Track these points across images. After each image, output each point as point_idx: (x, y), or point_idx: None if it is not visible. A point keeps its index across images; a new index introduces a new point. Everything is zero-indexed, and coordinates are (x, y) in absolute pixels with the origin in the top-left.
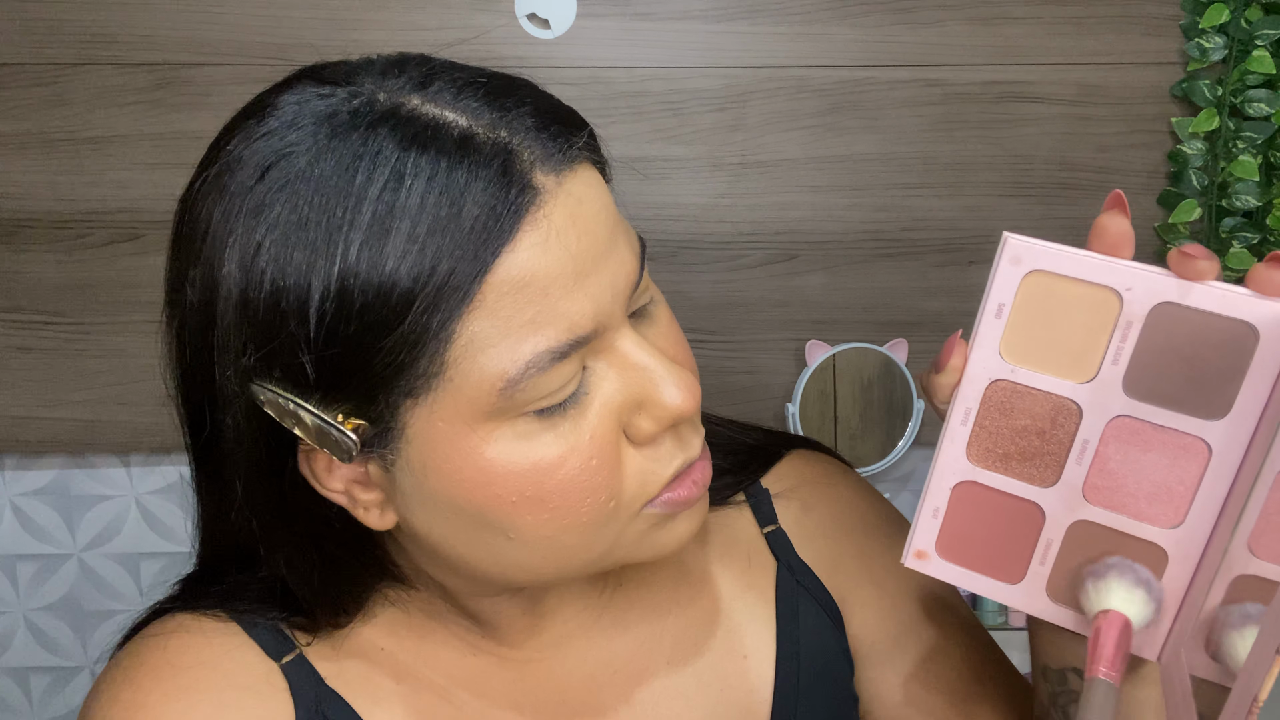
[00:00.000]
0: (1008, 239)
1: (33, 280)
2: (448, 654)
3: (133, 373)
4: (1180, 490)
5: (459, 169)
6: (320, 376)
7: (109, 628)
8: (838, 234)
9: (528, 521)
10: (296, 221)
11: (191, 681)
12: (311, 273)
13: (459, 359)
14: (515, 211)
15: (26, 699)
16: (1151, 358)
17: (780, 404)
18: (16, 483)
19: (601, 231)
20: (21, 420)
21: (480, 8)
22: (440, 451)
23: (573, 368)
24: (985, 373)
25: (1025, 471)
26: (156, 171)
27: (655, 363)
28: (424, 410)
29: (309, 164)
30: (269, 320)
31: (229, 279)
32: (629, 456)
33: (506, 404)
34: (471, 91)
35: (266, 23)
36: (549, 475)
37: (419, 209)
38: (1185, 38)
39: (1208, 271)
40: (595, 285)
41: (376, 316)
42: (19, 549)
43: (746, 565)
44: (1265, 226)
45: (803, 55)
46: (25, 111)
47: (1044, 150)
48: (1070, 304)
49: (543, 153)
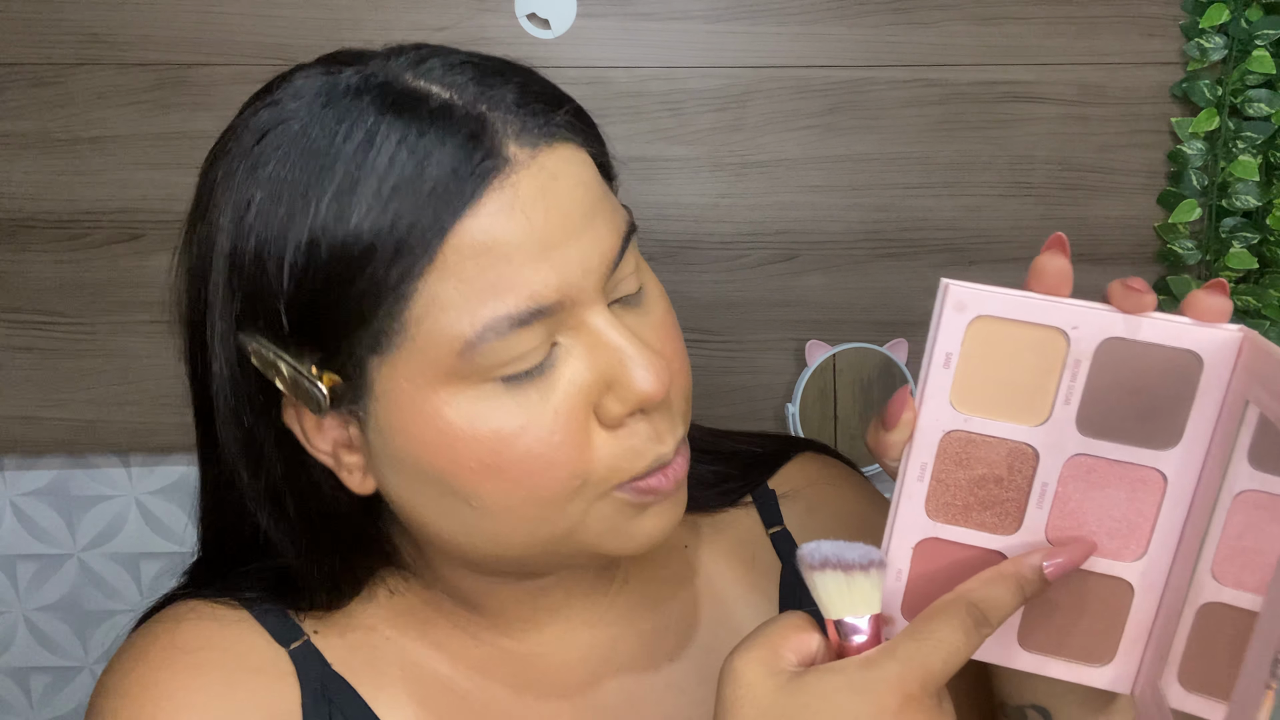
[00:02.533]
0: (949, 286)
1: (33, 280)
2: (451, 644)
3: (133, 373)
4: (1140, 523)
5: (429, 133)
6: (293, 326)
7: (109, 628)
8: (838, 234)
9: (488, 490)
10: (282, 180)
11: (201, 662)
12: (289, 226)
13: (421, 318)
14: (479, 176)
15: (26, 699)
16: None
17: (780, 404)
18: (16, 483)
19: (575, 208)
20: (21, 420)
21: (480, 7)
22: (405, 412)
23: (536, 337)
24: (938, 425)
25: (986, 521)
26: (156, 171)
27: (627, 344)
28: (389, 369)
29: (301, 129)
30: (253, 272)
31: (223, 232)
32: (599, 438)
33: (467, 367)
34: (461, 69)
35: (266, 23)
36: (509, 444)
37: (386, 168)
38: (1185, 38)
39: (1149, 304)
40: (563, 258)
41: (341, 269)
42: (19, 549)
43: (751, 565)
44: (1265, 226)
45: (803, 55)
46: (25, 111)
47: (1044, 150)
48: (1018, 347)
49: (520, 127)
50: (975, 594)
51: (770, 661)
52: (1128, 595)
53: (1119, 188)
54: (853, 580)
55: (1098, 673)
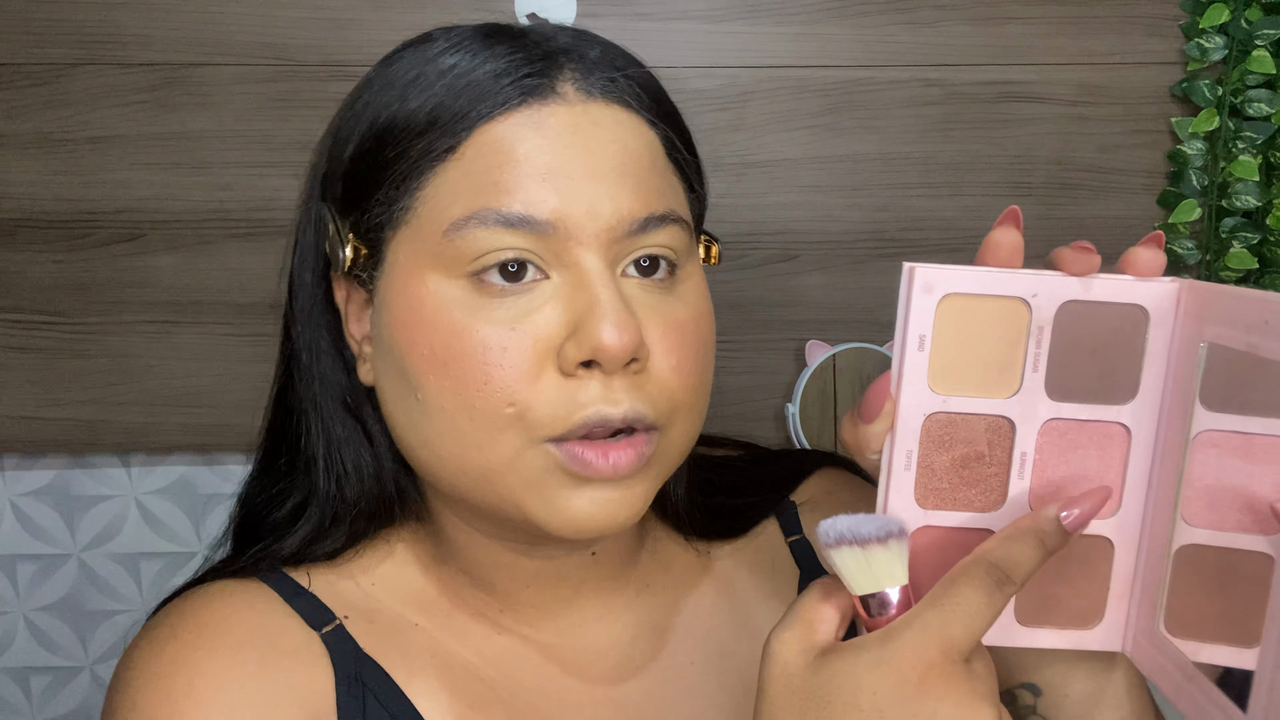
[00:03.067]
0: (914, 269)
1: (33, 280)
2: (475, 634)
3: (133, 373)
4: (1112, 478)
5: (496, 47)
6: (345, 193)
7: (109, 628)
8: (838, 234)
9: (431, 383)
10: (385, 77)
11: (237, 641)
12: (366, 111)
13: (429, 197)
14: (519, 88)
15: (26, 699)
16: (1065, 357)
17: (780, 404)
18: (16, 483)
19: (604, 158)
20: (21, 420)
21: (480, 7)
22: (395, 287)
23: (517, 243)
24: (919, 409)
25: (973, 500)
26: (156, 171)
27: (607, 296)
28: (395, 244)
29: (437, 50)
30: (335, 148)
31: (336, 119)
32: (550, 379)
33: (449, 250)
34: (571, 29)
35: (266, 23)
36: (459, 340)
37: (449, 66)
38: (1185, 38)
39: (1097, 263)
40: (570, 189)
41: (382, 142)
42: (19, 549)
43: (771, 572)
44: (1265, 226)
45: (803, 55)
46: (25, 111)
47: (1044, 150)
48: (985, 321)
49: (585, 75)
50: (994, 553)
51: (805, 637)
52: (1108, 552)
53: (1119, 188)
54: (870, 555)
55: (1089, 635)
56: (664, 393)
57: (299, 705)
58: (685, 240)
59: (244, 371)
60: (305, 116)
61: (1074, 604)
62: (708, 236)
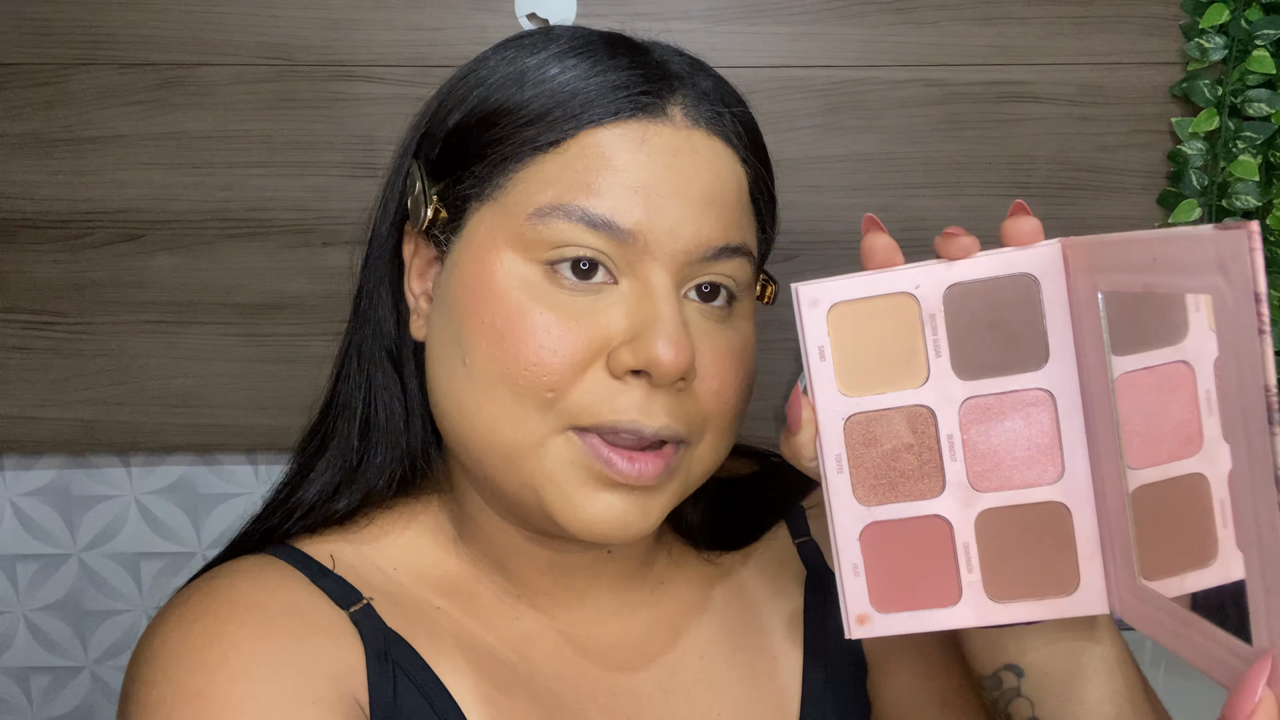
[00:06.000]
0: (798, 289)
1: (33, 280)
2: (496, 618)
3: (133, 373)
4: (1047, 442)
5: (619, 58)
6: (440, 155)
7: (109, 628)
8: (838, 234)
9: (483, 350)
10: (507, 63)
11: (269, 614)
12: (480, 88)
13: (522, 180)
14: (632, 102)
15: (26, 699)
16: (965, 337)
17: (780, 404)
18: (16, 483)
19: (696, 184)
20: (21, 420)
21: (480, 7)
22: (470, 255)
23: (595, 243)
24: (836, 415)
25: (913, 489)
26: (156, 171)
27: (669, 314)
28: (479, 215)
29: (560, 48)
30: (437, 115)
31: (447, 85)
32: (596, 376)
33: (530, 233)
34: (690, 57)
35: (266, 23)
36: (521, 317)
37: (572, 68)
38: (1185, 38)
39: (971, 246)
40: (658, 207)
41: (490, 119)
42: (19, 549)
43: (779, 572)
44: (1265, 226)
45: (803, 55)
46: (25, 111)
47: (1044, 150)
48: (877, 321)
49: (695, 104)
50: None
51: None
52: (1066, 515)
53: (1119, 188)
54: None
55: (1070, 602)
56: (700, 413)
57: (332, 679)
58: (748, 275)
59: (244, 372)
60: (305, 116)
61: (1045, 573)
62: (765, 276)
